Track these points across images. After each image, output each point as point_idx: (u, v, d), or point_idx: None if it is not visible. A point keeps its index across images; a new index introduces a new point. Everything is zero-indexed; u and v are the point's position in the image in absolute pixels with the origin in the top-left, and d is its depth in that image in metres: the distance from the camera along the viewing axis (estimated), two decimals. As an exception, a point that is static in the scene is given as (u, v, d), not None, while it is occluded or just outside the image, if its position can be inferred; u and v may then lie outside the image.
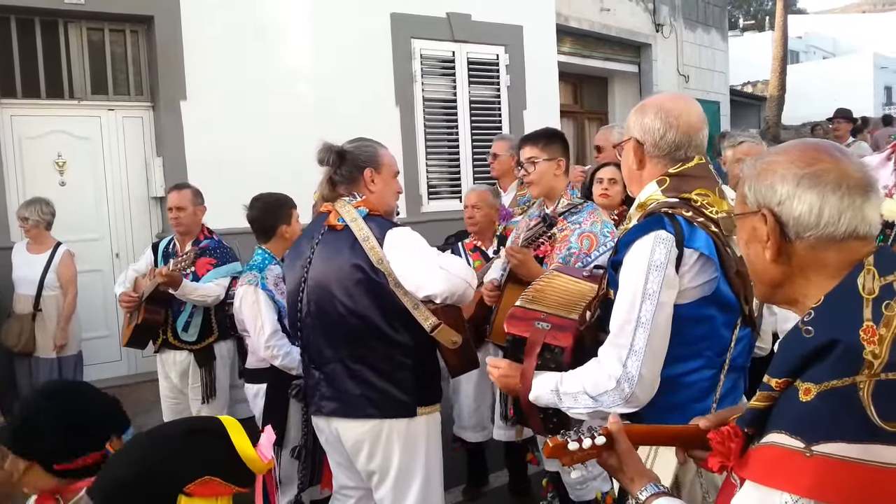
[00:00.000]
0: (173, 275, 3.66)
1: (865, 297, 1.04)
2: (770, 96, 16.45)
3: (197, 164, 5.78)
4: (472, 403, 3.96)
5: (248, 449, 1.37)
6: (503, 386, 1.99)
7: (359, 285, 2.41)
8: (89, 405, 1.70)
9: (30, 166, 5.48)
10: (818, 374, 1.02)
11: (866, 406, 0.97)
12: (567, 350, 1.86)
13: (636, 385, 1.66)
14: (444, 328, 2.44)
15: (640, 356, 1.66)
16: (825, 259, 1.11)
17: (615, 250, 1.83)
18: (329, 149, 2.55)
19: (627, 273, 1.71)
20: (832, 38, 29.02)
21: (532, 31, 7.89)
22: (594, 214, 2.73)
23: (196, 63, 5.83)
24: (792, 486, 0.98)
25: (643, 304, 1.65)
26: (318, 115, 6.18)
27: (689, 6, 12.15)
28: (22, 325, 4.80)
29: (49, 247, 4.91)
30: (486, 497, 4.16)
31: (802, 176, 1.11)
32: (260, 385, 3.31)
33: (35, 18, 5.48)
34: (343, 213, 2.49)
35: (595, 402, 1.71)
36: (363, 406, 2.46)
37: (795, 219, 1.11)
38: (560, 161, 2.91)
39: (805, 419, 1.00)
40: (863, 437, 0.96)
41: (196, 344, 3.99)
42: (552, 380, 1.82)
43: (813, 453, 0.97)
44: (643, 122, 1.84)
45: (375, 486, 2.56)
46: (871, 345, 0.99)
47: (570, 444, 1.32)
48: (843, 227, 1.08)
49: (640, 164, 1.86)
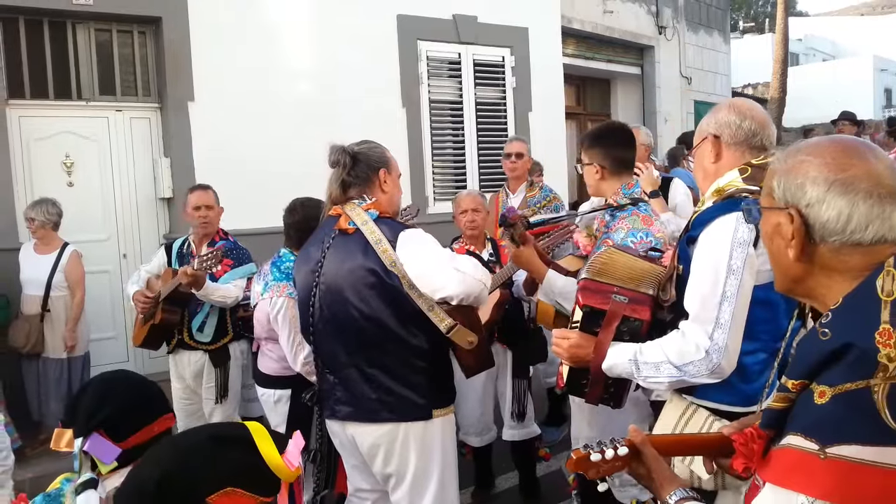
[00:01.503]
0: (198, 274, 3.64)
1: (884, 298, 1.03)
2: (771, 98, 16.45)
3: (204, 165, 5.78)
4: (478, 408, 3.97)
5: (275, 457, 1.36)
6: (572, 356, 2.03)
7: (372, 289, 2.40)
8: (142, 385, 1.87)
9: (38, 167, 5.48)
10: (833, 377, 1.02)
11: (881, 409, 0.97)
12: (646, 323, 1.91)
13: (723, 356, 1.71)
14: (460, 329, 2.42)
15: (725, 329, 1.72)
16: (849, 262, 1.10)
17: (689, 227, 1.89)
18: (342, 150, 2.54)
19: (708, 248, 1.77)
20: (832, 40, 29.07)
21: (537, 32, 7.90)
22: (625, 221, 2.65)
23: (204, 64, 5.84)
24: (808, 488, 0.99)
25: (728, 279, 1.71)
26: (324, 117, 6.19)
27: (692, 8, 12.17)
28: (30, 326, 4.80)
29: (56, 247, 4.91)
30: (495, 500, 4.17)
31: (834, 181, 1.08)
32: (282, 391, 3.31)
33: (43, 19, 5.48)
34: (353, 216, 2.48)
35: (679, 371, 1.76)
36: (379, 410, 2.46)
37: (822, 223, 1.09)
38: (596, 166, 2.78)
39: (820, 422, 1.01)
40: (877, 439, 0.96)
41: (211, 344, 3.99)
42: (630, 349, 1.87)
43: (827, 455, 0.97)
44: (717, 118, 1.96)
45: (392, 489, 2.56)
46: (887, 348, 0.99)
47: (592, 456, 1.33)
48: (869, 235, 1.07)
49: (717, 157, 1.94)
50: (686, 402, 1.91)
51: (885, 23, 29.01)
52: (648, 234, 2.63)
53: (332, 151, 2.55)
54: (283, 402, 3.31)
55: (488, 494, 4.18)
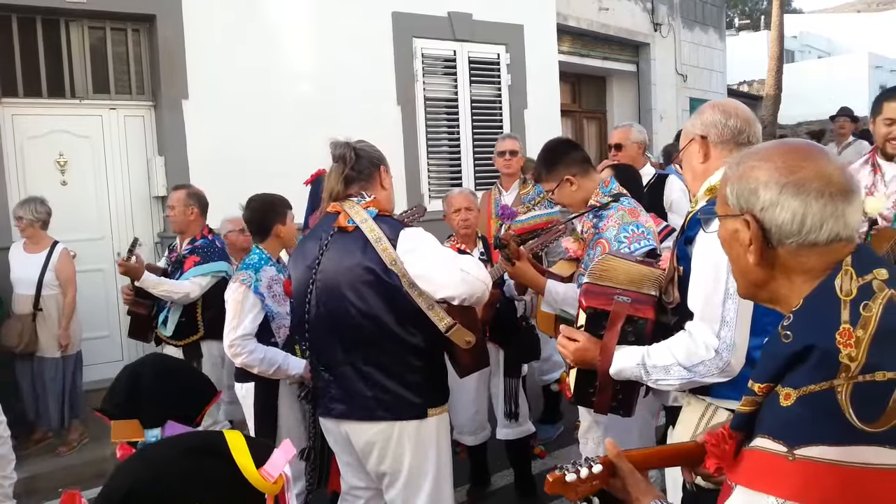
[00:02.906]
0: (128, 265, 3.88)
1: (843, 298, 1.04)
2: (766, 95, 16.47)
3: (198, 164, 5.77)
4: (471, 406, 3.96)
5: (250, 470, 1.27)
6: (579, 360, 2.01)
7: (371, 287, 2.39)
8: (190, 374, 1.92)
9: (31, 166, 5.46)
10: (796, 379, 1.03)
11: (845, 409, 0.98)
12: (650, 322, 1.89)
13: (732, 354, 1.71)
14: (458, 328, 2.42)
15: (732, 326, 1.71)
16: (807, 262, 1.11)
17: (686, 227, 1.89)
18: (346, 145, 2.53)
19: (707, 247, 1.75)
20: (827, 37, 29.09)
21: (533, 30, 7.90)
22: (613, 217, 2.67)
23: (198, 62, 5.82)
24: (776, 489, 1.00)
25: (730, 276, 1.69)
26: (319, 114, 6.17)
27: (687, 5, 12.16)
28: (22, 326, 4.78)
29: (46, 246, 4.90)
30: (491, 498, 4.17)
31: (786, 184, 1.10)
32: (249, 384, 3.28)
33: (36, 17, 5.45)
34: (352, 213, 2.46)
35: (690, 372, 1.76)
36: (374, 408, 2.45)
37: (778, 226, 1.11)
38: (567, 179, 2.82)
39: (787, 424, 1.02)
40: (843, 439, 0.97)
41: (180, 340, 4.11)
42: (637, 353, 1.86)
43: (795, 457, 0.99)
44: (703, 119, 1.98)
45: (386, 488, 2.56)
46: (848, 347, 1.00)
47: (567, 476, 1.34)
48: (824, 234, 1.08)
49: (705, 157, 1.95)
50: (704, 404, 1.89)
51: (880, 20, 29.05)
52: (639, 225, 2.64)
53: (335, 146, 2.54)
54: (248, 396, 3.28)
55: (484, 492, 4.17)
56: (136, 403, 1.77)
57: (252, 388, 3.27)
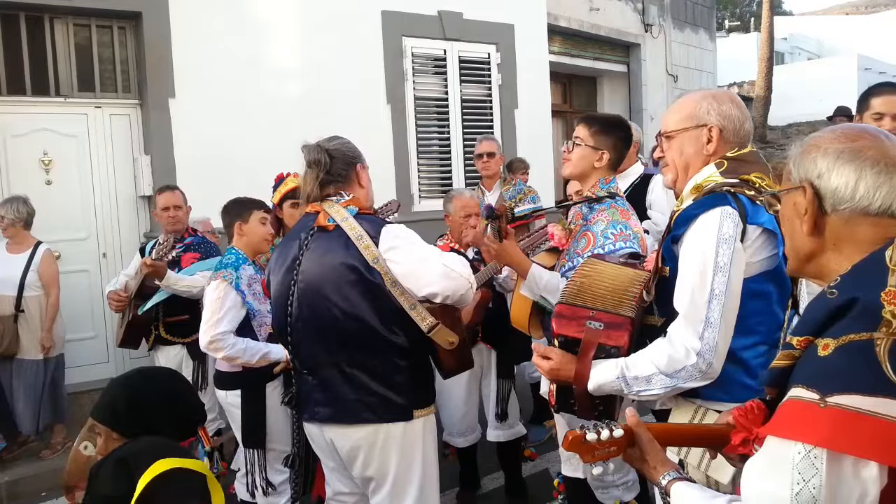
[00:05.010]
0: (157, 264, 3.78)
1: (892, 267, 1.06)
2: (756, 97, 16.56)
3: (185, 163, 5.70)
4: (462, 408, 3.93)
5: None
6: (554, 379, 1.95)
7: (353, 286, 2.34)
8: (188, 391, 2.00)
9: (15, 164, 5.38)
10: (837, 330, 1.04)
11: (882, 361, 0.98)
12: (623, 349, 1.83)
13: (714, 356, 1.68)
14: (441, 328, 2.38)
15: (716, 328, 1.68)
16: (858, 234, 1.13)
17: (672, 226, 1.84)
18: (319, 148, 2.48)
19: (694, 247, 1.73)
20: (817, 39, 29.27)
21: (523, 29, 7.87)
22: (605, 213, 2.65)
23: (184, 60, 5.75)
24: (805, 436, 1.00)
25: (715, 277, 1.67)
26: (307, 114, 6.12)
27: (678, 6, 12.18)
28: (4, 327, 4.70)
29: (29, 246, 4.84)
30: (481, 501, 4.13)
31: (842, 151, 1.15)
32: (234, 391, 3.25)
33: (20, 14, 5.38)
34: (332, 213, 2.42)
35: (671, 379, 1.72)
36: (359, 411, 2.40)
37: (832, 191, 1.14)
38: (603, 154, 2.76)
39: (822, 372, 1.02)
40: (878, 390, 0.97)
41: (185, 338, 4.11)
42: (615, 368, 1.79)
43: (827, 404, 0.99)
44: (721, 109, 1.87)
45: (372, 493, 2.51)
46: (892, 305, 1.01)
47: (588, 436, 1.34)
48: (877, 203, 1.12)
49: (715, 151, 1.87)
50: (694, 406, 1.85)
51: (869, 22, 29.25)
52: (627, 226, 2.64)
53: (309, 151, 2.48)
54: (235, 406, 3.26)
55: (474, 495, 4.13)
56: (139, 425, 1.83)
57: (238, 395, 3.24)
